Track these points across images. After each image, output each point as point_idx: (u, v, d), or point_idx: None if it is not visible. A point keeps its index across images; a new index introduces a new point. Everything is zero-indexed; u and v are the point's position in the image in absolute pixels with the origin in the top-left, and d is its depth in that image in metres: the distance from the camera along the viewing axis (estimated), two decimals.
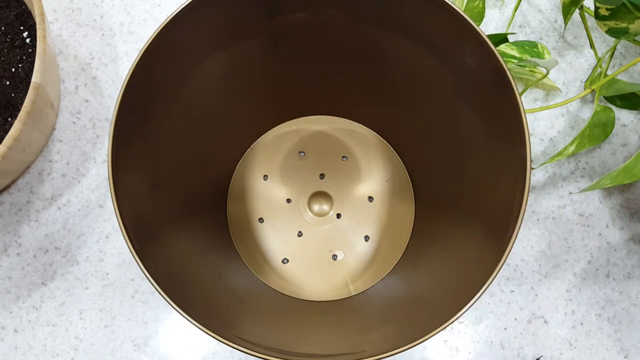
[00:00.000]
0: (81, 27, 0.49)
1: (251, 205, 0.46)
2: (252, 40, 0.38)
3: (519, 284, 0.45)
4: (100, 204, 0.46)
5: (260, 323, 0.38)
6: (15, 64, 0.42)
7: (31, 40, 0.43)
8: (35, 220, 0.45)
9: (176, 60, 0.35)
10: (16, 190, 0.46)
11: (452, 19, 0.33)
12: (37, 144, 0.44)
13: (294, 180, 0.46)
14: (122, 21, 0.49)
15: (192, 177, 0.42)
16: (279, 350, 0.31)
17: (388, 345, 0.30)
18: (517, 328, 0.45)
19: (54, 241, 0.45)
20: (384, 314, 0.40)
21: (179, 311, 0.29)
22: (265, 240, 0.45)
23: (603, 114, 0.47)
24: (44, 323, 0.44)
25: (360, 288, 0.44)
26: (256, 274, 0.44)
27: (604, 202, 0.48)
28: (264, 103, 0.44)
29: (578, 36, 0.51)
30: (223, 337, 0.29)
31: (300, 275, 0.44)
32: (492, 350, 0.44)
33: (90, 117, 0.47)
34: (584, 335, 0.45)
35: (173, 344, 0.44)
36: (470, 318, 0.45)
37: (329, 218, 0.45)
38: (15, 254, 0.45)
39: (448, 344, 0.44)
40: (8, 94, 0.41)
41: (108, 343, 0.44)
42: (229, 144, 0.46)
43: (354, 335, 0.38)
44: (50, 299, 0.44)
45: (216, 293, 0.38)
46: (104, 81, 0.48)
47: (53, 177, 0.46)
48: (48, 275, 0.45)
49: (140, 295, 0.44)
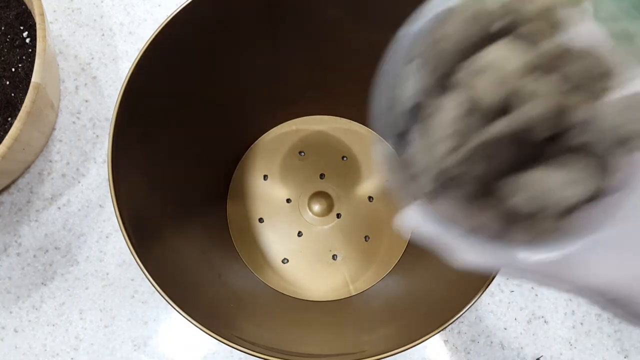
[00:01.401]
0: (81, 27, 0.49)
1: (251, 205, 0.46)
2: (251, 40, 0.38)
3: (519, 283, 0.45)
4: (100, 204, 0.46)
5: (260, 323, 0.38)
6: (15, 64, 0.42)
7: (31, 40, 0.43)
8: (35, 220, 0.45)
9: (176, 60, 0.35)
10: (16, 190, 0.46)
11: None
12: (37, 144, 0.44)
13: (294, 180, 0.46)
14: (122, 21, 0.49)
15: (192, 177, 0.42)
16: (279, 350, 0.31)
17: (388, 345, 0.30)
18: (517, 328, 0.45)
19: (54, 241, 0.45)
20: (384, 314, 0.40)
21: (178, 311, 0.29)
22: (265, 240, 0.45)
23: None
24: (44, 323, 0.44)
25: (360, 288, 0.44)
26: (256, 274, 0.44)
27: None
28: (263, 103, 0.44)
29: None
30: (223, 337, 0.29)
31: (300, 275, 0.44)
32: (492, 350, 0.44)
33: (90, 117, 0.47)
34: (584, 335, 0.45)
35: (173, 344, 0.44)
36: (470, 318, 0.45)
37: (329, 218, 0.45)
38: (15, 254, 0.45)
39: (448, 344, 0.44)
40: (8, 93, 0.41)
41: (108, 343, 0.44)
42: (229, 143, 0.46)
43: (353, 335, 0.38)
44: (50, 299, 0.44)
45: (216, 293, 0.38)
46: (104, 81, 0.48)
47: (53, 177, 0.46)
48: (48, 275, 0.45)
49: (140, 295, 0.44)
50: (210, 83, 0.39)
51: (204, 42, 0.36)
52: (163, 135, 0.37)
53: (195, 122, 0.40)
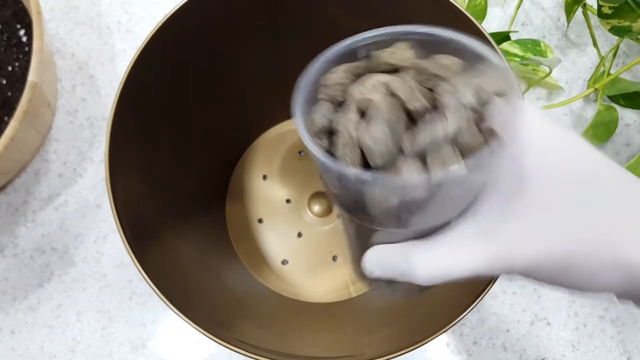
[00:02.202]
0: (78, 26, 0.49)
1: (250, 205, 0.45)
2: (251, 38, 0.38)
3: (522, 285, 0.45)
4: (98, 204, 0.45)
5: (260, 325, 0.38)
6: (11, 63, 0.42)
7: (28, 39, 0.43)
8: (32, 220, 0.45)
9: (174, 59, 0.35)
10: (12, 191, 0.45)
11: (454, 18, 0.32)
12: (34, 144, 0.44)
13: (294, 180, 0.46)
14: (120, 19, 0.49)
15: (190, 176, 0.41)
16: (278, 353, 0.30)
17: (388, 348, 0.29)
18: (520, 330, 0.44)
19: (51, 242, 0.45)
20: (385, 316, 0.40)
21: (177, 313, 0.29)
22: (264, 241, 0.45)
23: (606, 113, 0.46)
24: (41, 325, 0.43)
25: (361, 289, 0.43)
26: (255, 276, 0.44)
27: None
28: (263, 102, 0.44)
29: (581, 34, 0.50)
30: (222, 339, 0.29)
31: (300, 277, 0.44)
32: (495, 352, 0.44)
33: (87, 117, 0.47)
34: (587, 337, 0.44)
35: (171, 346, 0.43)
36: (472, 320, 0.44)
37: (329, 218, 0.45)
38: (12, 254, 0.44)
39: (450, 346, 0.44)
40: (4, 92, 0.41)
41: (105, 345, 0.43)
42: (228, 143, 0.45)
43: (354, 337, 0.38)
44: (47, 301, 0.44)
45: (215, 294, 0.38)
46: (101, 80, 0.48)
47: (50, 177, 0.46)
48: (45, 276, 0.44)
49: (138, 297, 0.44)
50: (209, 82, 0.39)
51: (203, 41, 0.35)
52: (161, 135, 0.36)
53: (194, 122, 0.40)
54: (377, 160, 0.19)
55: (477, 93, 0.19)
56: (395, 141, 0.19)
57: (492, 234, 0.20)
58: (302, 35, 0.38)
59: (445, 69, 0.20)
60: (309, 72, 0.23)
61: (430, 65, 0.20)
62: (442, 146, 0.18)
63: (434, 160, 0.18)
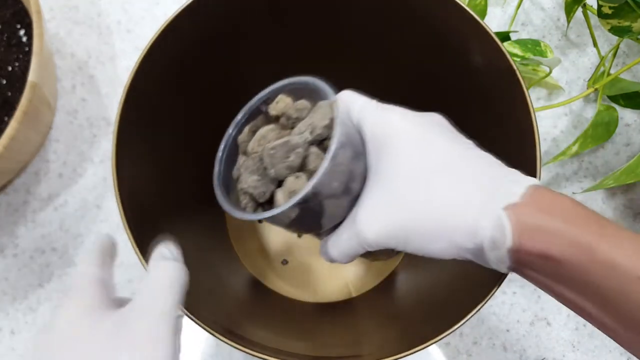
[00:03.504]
0: (78, 26, 0.49)
1: None
2: (253, 37, 0.38)
3: (522, 285, 0.45)
4: (97, 205, 0.45)
5: (259, 324, 0.38)
6: (11, 63, 0.42)
7: (28, 39, 0.43)
8: (31, 220, 0.45)
9: (180, 58, 0.35)
10: (12, 191, 0.45)
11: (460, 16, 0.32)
12: (34, 144, 0.44)
13: None
14: (120, 19, 0.49)
15: (191, 175, 0.41)
16: (278, 351, 0.31)
17: (388, 350, 0.30)
18: (520, 330, 0.44)
19: (51, 242, 0.45)
20: (385, 316, 0.40)
21: None
22: (264, 240, 0.45)
23: (606, 113, 0.46)
24: (41, 325, 0.43)
25: (361, 290, 0.43)
26: (255, 275, 0.44)
27: (607, 203, 0.47)
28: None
29: (581, 34, 0.50)
30: (223, 337, 0.29)
31: (300, 277, 0.44)
32: (495, 353, 0.44)
33: (87, 117, 0.47)
34: (587, 337, 0.44)
35: None
36: (472, 320, 0.44)
37: None
38: (12, 255, 0.44)
39: (449, 346, 0.44)
40: (4, 93, 0.41)
41: None
42: None
43: (354, 337, 0.38)
44: (47, 301, 0.44)
45: (215, 293, 0.38)
46: (102, 80, 0.48)
47: (50, 177, 0.46)
48: (45, 276, 0.44)
49: None
50: (213, 80, 0.39)
51: (207, 38, 0.36)
52: (165, 134, 0.37)
53: (197, 120, 0.40)
54: (261, 199, 0.27)
55: (312, 128, 0.26)
56: (267, 181, 0.27)
57: (353, 219, 0.27)
58: (307, 40, 0.39)
59: (300, 111, 0.28)
60: (225, 136, 0.31)
61: (293, 111, 0.28)
62: (292, 175, 0.26)
63: (289, 187, 0.26)
